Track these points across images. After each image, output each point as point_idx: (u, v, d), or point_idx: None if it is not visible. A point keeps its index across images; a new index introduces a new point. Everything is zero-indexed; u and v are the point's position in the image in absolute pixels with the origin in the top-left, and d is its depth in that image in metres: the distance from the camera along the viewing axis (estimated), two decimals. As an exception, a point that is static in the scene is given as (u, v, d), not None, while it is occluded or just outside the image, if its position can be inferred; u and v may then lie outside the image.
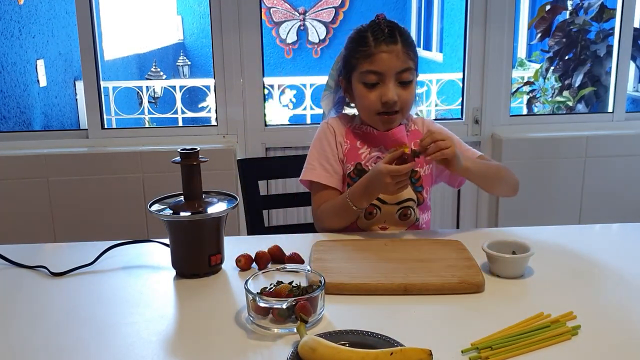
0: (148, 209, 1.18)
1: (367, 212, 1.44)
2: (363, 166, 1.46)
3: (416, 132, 1.52)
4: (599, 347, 0.92)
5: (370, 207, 1.43)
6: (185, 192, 1.20)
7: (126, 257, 1.29)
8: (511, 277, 1.15)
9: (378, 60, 1.39)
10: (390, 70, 1.39)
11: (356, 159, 1.47)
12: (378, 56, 1.39)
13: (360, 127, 1.51)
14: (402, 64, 1.40)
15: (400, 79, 1.40)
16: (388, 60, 1.39)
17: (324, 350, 0.84)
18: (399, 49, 1.39)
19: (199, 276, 1.19)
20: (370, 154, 1.47)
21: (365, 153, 1.48)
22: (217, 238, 1.19)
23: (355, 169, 1.46)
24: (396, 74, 1.40)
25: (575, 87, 4.44)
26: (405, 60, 1.40)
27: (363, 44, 1.41)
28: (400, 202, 1.44)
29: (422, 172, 1.48)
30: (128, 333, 0.99)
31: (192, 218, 1.16)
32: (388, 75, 1.39)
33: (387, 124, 1.46)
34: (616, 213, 2.60)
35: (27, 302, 1.12)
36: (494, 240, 1.20)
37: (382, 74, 1.39)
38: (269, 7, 8.02)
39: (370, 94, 1.41)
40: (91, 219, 2.44)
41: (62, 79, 4.88)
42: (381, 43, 1.39)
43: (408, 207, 1.45)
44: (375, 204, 1.43)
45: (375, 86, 1.41)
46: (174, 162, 1.18)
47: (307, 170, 1.49)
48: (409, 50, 1.41)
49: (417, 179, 1.46)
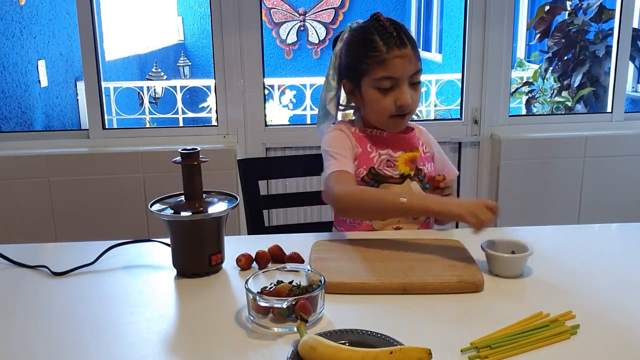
0: (149, 208, 1.18)
1: None
2: (377, 170, 1.46)
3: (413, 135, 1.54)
4: (598, 346, 0.93)
5: None
6: (186, 192, 1.20)
7: (127, 256, 1.30)
8: (510, 277, 1.16)
9: (392, 66, 1.38)
10: (404, 74, 1.39)
11: (369, 163, 1.46)
12: (392, 62, 1.38)
13: (365, 130, 1.50)
14: (414, 67, 1.40)
15: (412, 81, 1.41)
16: (402, 65, 1.38)
17: (324, 349, 0.85)
18: (410, 52, 1.39)
19: (199, 276, 1.19)
20: (380, 157, 1.47)
21: (376, 156, 1.47)
22: (218, 238, 1.20)
23: (370, 172, 1.45)
24: (409, 77, 1.41)
25: (574, 88, 4.45)
26: (416, 62, 1.41)
27: (373, 49, 1.39)
28: None
29: (426, 169, 1.50)
30: (129, 332, 0.99)
31: (193, 218, 1.17)
32: (402, 80, 1.40)
33: (399, 126, 1.47)
34: (615, 213, 2.61)
35: (28, 302, 1.12)
36: (493, 239, 1.20)
37: (397, 78, 1.39)
38: (269, 8, 8.03)
39: (385, 99, 1.41)
40: (92, 219, 2.45)
41: (63, 79, 4.89)
42: (393, 48, 1.38)
43: None
44: None
45: (389, 90, 1.41)
46: (174, 162, 1.18)
47: (335, 162, 1.41)
48: (416, 52, 1.42)
49: (423, 177, 1.48)
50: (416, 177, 1.48)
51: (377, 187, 1.45)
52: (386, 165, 1.46)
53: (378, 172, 1.45)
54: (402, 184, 1.46)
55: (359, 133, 1.50)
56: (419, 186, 1.48)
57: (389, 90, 1.40)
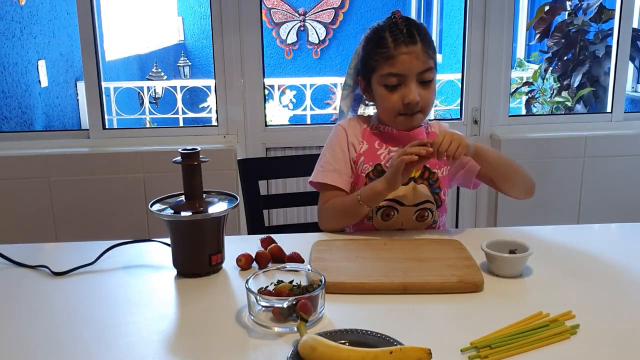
0: (149, 208, 1.19)
1: (385, 213, 1.43)
2: (383, 167, 1.44)
3: (434, 135, 1.48)
4: (597, 346, 0.93)
5: (388, 209, 1.42)
6: (186, 192, 1.20)
7: (127, 256, 1.30)
8: (510, 277, 1.16)
9: (398, 63, 1.37)
10: (411, 71, 1.37)
11: (375, 160, 1.45)
12: (398, 58, 1.37)
13: (378, 127, 1.49)
14: (423, 65, 1.38)
15: (421, 79, 1.39)
16: (408, 61, 1.37)
17: (324, 349, 0.85)
18: (418, 49, 1.37)
19: (199, 275, 1.19)
20: (390, 154, 1.45)
21: (384, 153, 1.46)
22: (218, 238, 1.20)
23: (375, 169, 1.44)
24: (417, 74, 1.38)
25: (574, 88, 4.45)
26: (425, 60, 1.38)
27: (382, 45, 1.39)
28: (417, 203, 1.43)
29: (440, 173, 1.45)
30: (129, 332, 0.99)
31: (193, 218, 1.17)
32: (409, 77, 1.38)
33: (408, 124, 1.44)
34: (615, 213, 2.61)
35: (28, 302, 1.12)
36: (493, 239, 1.20)
37: (404, 75, 1.38)
38: (269, 8, 8.03)
39: (392, 96, 1.40)
40: (92, 219, 2.45)
41: (64, 79, 4.89)
42: (400, 44, 1.37)
43: (425, 208, 1.44)
44: (393, 205, 1.42)
45: (397, 87, 1.39)
46: (175, 162, 1.18)
47: (318, 172, 1.48)
48: (428, 50, 1.39)
49: (435, 181, 1.44)
50: (426, 181, 1.44)
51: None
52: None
53: (383, 169, 1.43)
54: (406, 185, 1.42)
55: (371, 129, 1.49)
56: (428, 190, 1.44)
57: (396, 88, 1.39)
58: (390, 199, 1.41)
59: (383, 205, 1.42)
